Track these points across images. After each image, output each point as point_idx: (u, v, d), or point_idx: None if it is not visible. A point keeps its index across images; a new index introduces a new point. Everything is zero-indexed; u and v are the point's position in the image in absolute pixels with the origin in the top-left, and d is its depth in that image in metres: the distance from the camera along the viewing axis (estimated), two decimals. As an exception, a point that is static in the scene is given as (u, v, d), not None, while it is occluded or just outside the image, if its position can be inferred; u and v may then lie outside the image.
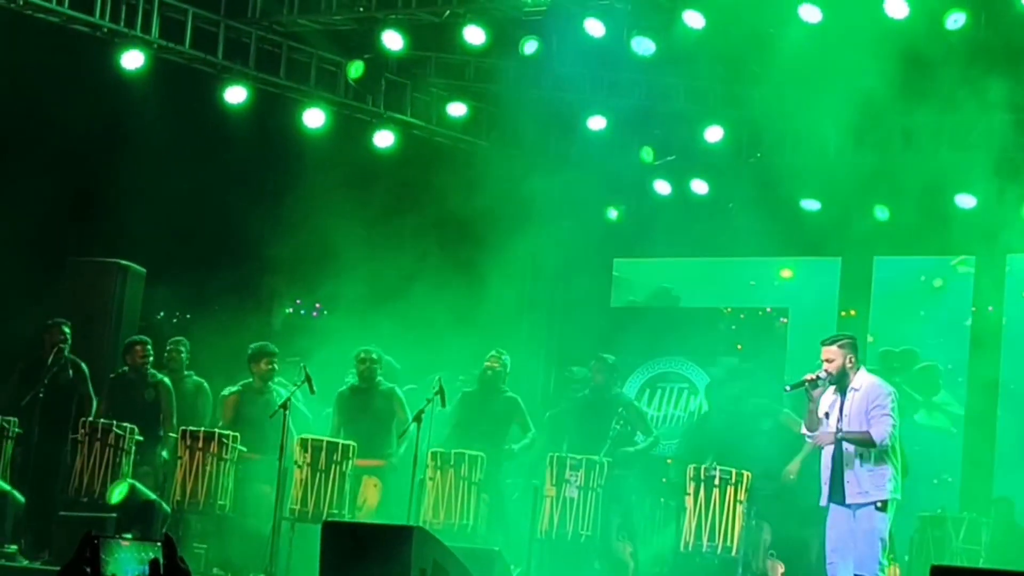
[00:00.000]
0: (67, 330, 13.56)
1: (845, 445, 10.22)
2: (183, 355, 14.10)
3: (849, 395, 10.30)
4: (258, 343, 13.78)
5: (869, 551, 10.16)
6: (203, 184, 15.37)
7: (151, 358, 13.67)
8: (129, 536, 3.93)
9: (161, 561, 3.79)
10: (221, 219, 15.79)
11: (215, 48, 14.77)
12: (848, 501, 10.22)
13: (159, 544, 3.81)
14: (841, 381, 10.33)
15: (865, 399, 10.26)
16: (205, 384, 14.14)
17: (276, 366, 13.67)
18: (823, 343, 10.51)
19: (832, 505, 10.37)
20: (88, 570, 3.71)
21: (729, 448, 12.76)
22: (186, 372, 14.12)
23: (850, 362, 10.34)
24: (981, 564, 12.84)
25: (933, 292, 16.35)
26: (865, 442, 10.18)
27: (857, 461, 10.22)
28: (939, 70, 12.91)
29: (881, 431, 10.16)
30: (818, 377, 10.34)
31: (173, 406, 13.64)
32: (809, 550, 12.43)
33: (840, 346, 10.39)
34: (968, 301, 16.14)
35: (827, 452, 10.36)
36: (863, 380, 10.39)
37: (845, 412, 10.27)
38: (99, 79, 14.29)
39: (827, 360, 10.35)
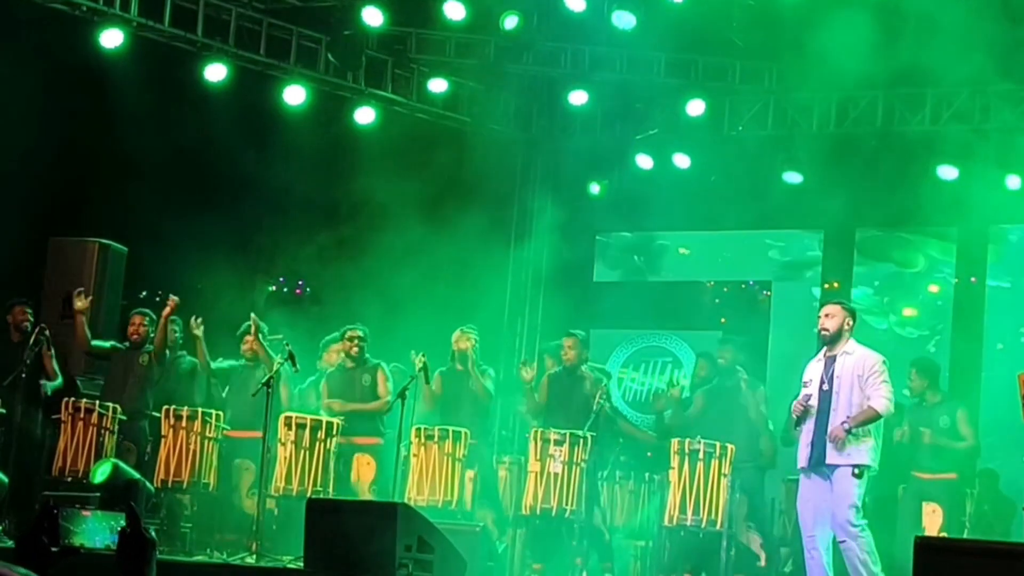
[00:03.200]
0: (29, 310, 13.48)
1: (833, 410, 10.11)
2: (177, 334, 13.92)
3: (840, 359, 10.26)
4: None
5: (843, 514, 10.03)
6: (184, 163, 15.32)
7: (148, 329, 13.55)
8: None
9: (127, 531, 3.78)
10: (202, 198, 15.73)
11: (195, 26, 14.68)
12: (828, 461, 10.08)
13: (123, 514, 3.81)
14: (834, 343, 10.32)
15: (860, 364, 10.21)
16: (197, 363, 13.89)
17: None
18: (827, 302, 10.55)
19: (804, 476, 10.29)
20: (46, 540, 3.70)
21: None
22: (179, 352, 13.99)
23: (847, 325, 10.32)
24: (966, 535, 12.85)
25: (915, 264, 16.35)
26: (871, 419, 10.12)
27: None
28: (920, 41, 12.90)
29: (883, 402, 10.13)
30: (804, 407, 10.27)
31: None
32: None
33: (843, 307, 10.44)
34: (951, 272, 16.16)
35: (811, 417, 10.26)
36: (856, 347, 10.36)
37: (836, 374, 10.18)
38: (79, 58, 14.21)
39: (827, 315, 10.34)
